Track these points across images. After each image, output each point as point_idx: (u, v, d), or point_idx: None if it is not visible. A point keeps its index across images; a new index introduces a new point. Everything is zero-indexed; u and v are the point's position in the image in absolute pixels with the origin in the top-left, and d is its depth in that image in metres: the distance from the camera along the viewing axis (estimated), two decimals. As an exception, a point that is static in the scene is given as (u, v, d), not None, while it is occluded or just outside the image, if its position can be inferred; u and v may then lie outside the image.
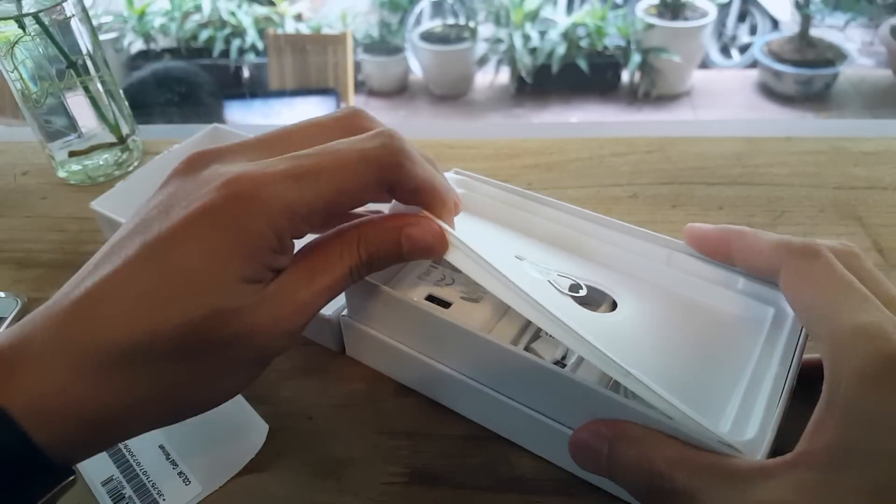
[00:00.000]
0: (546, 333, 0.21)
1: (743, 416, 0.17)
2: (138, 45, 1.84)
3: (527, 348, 0.21)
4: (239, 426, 0.22)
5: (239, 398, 0.23)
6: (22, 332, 0.14)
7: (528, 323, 0.22)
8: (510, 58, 1.81)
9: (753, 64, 1.85)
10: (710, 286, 0.21)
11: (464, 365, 0.21)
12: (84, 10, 0.32)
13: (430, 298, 0.23)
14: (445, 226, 0.17)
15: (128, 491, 0.21)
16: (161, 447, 0.22)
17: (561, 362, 0.20)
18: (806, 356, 0.20)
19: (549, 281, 0.20)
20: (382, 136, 0.16)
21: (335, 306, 0.23)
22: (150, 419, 0.15)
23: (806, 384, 0.19)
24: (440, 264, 0.24)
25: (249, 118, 1.42)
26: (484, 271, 0.17)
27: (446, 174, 0.26)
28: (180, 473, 0.21)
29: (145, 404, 0.14)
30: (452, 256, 0.18)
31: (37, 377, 0.13)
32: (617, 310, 0.21)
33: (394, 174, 0.16)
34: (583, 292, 0.21)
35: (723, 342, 0.20)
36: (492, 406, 0.21)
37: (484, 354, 0.20)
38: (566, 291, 0.20)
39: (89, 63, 0.33)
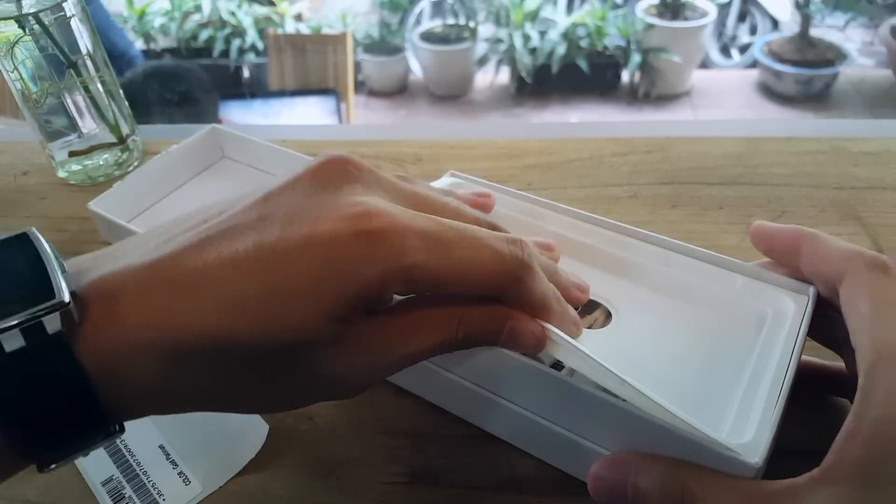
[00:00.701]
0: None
1: (741, 419, 0.17)
2: (138, 45, 1.84)
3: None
4: (239, 426, 0.22)
5: None
6: (115, 286, 0.14)
7: None
8: (510, 58, 1.81)
9: (753, 64, 1.85)
10: (708, 287, 0.21)
11: (461, 369, 0.21)
12: (84, 10, 0.32)
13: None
14: (550, 327, 0.17)
15: (128, 491, 0.21)
16: (161, 447, 0.22)
17: (559, 364, 0.20)
18: (804, 358, 0.20)
19: None
20: (517, 245, 0.16)
21: None
22: (200, 406, 0.15)
23: (803, 385, 0.19)
24: None
25: (249, 118, 1.42)
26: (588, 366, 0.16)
27: (443, 177, 0.26)
28: (180, 473, 0.21)
29: (201, 395, 0.15)
30: (553, 351, 0.17)
31: (117, 344, 0.13)
32: (613, 319, 0.21)
33: (513, 288, 0.16)
34: (581, 306, 0.21)
35: (721, 344, 0.20)
36: (492, 409, 0.21)
37: (482, 359, 0.20)
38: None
39: (89, 63, 0.33)
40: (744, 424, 0.17)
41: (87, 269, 0.14)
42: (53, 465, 0.13)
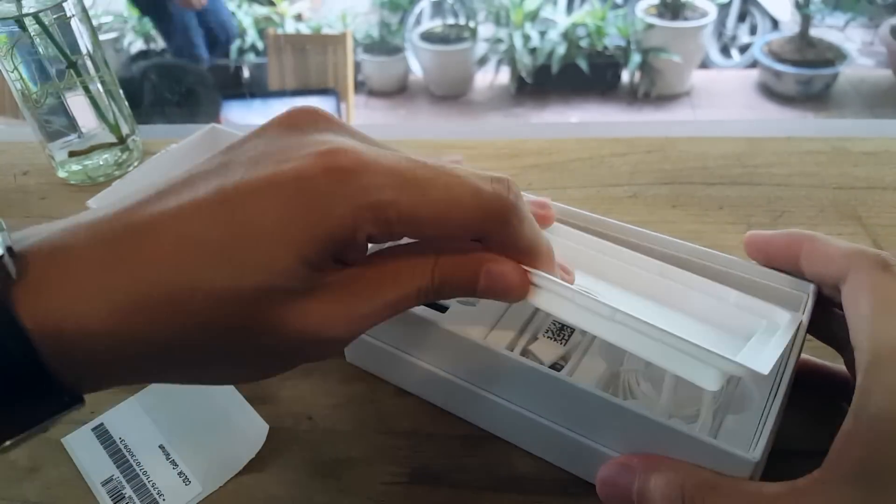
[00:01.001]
0: (543, 334, 0.21)
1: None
2: (138, 45, 1.84)
3: (525, 351, 0.21)
4: (239, 426, 0.22)
5: (239, 398, 0.23)
6: (63, 240, 0.12)
7: (526, 325, 0.22)
8: (510, 58, 1.81)
9: (753, 64, 1.85)
10: (702, 298, 0.20)
11: (462, 370, 0.21)
12: (84, 10, 0.32)
13: (427, 303, 0.23)
14: (535, 270, 0.16)
15: (128, 491, 0.21)
16: (161, 447, 0.22)
17: (559, 364, 0.20)
18: (804, 357, 0.20)
19: None
20: (502, 184, 0.15)
21: None
22: (163, 373, 0.14)
23: (803, 385, 0.19)
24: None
25: (249, 118, 1.42)
26: (577, 309, 0.16)
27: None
28: (180, 473, 0.21)
29: (163, 357, 0.13)
30: (535, 300, 0.16)
31: (63, 297, 0.12)
32: None
33: (496, 229, 0.15)
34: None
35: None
36: (491, 409, 0.21)
37: (481, 360, 0.20)
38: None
39: (89, 63, 0.33)
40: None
41: (36, 233, 0.13)
42: (8, 442, 0.12)
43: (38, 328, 0.12)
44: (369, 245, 0.15)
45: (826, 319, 0.20)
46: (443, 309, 0.22)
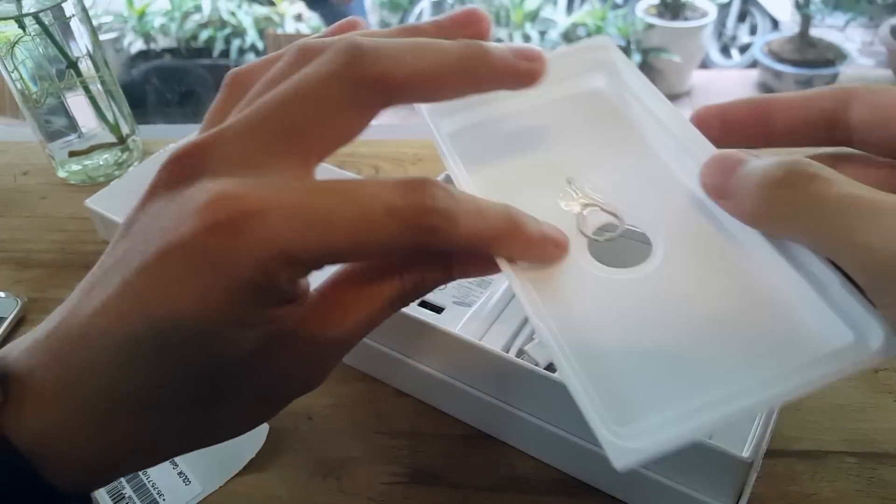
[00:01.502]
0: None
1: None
2: (138, 45, 1.84)
3: (520, 352, 0.21)
4: None
5: None
6: (28, 363, 0.13)
7: (522, 326, 0.22)
8: (510, 58, 1.81)
9: (753, 64, 1.85)
10: (789, 273, 0.14)
11: (458, 371, 0.21)
12: (84, 10, 0.32)
13: (423, 304, 0.23)
14: (506, 266, 0.14)
15: (128, 491, 0.21)
16: None
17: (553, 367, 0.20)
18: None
19: (579, 220, 0.16)
20: (417, 192, 0.13)
21: None
22: (160, 456, 0.14)
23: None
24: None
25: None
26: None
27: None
28: (180, 473, 0.21)
29: (151, 446, 0.14)
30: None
31: (43, 418, 0.13)
32: (651, 257, 0.15)
33: (427, 240, 0.13)
34: (611, 235, 0.16)
35: (758, 339, 0.14)
36: (488, 410, 0.21)
37: (477, 361, 0.19)
38: (590, 235, 0.16)
39: (89, 63, 0.33)
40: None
41: (13, 348, 0.14)
42: None
43: (32, 447, 0.12)
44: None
45: None
46: (439, 310, 0.23)
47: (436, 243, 0.13)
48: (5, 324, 0.27)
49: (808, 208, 0.12)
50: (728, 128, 0.16)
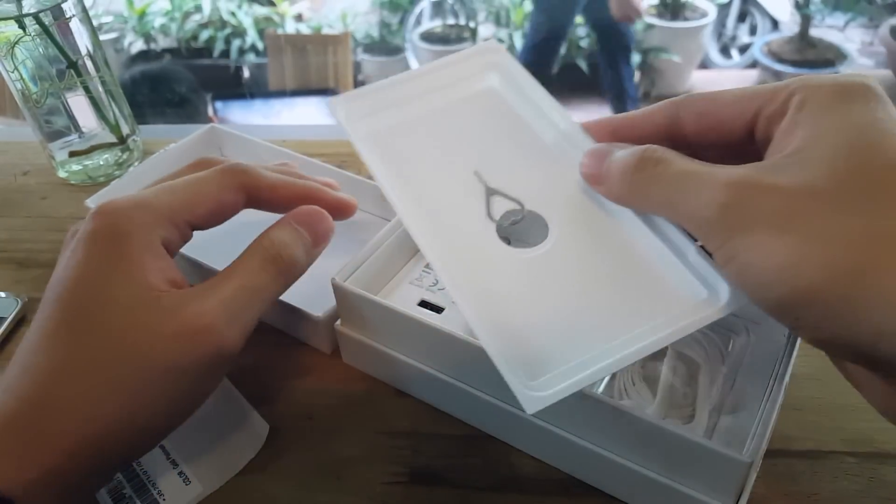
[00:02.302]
0: None
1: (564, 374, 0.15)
2: (139, 46, 1.84)
3: None
4: (239, 426, 0.22)
5: (239, 398, 0.23)
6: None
7: None
8: (510, 58, 1.81)
9: (753, 64, 1.85)
10: (655, 242, 0.17)
11: (458, 371, 0.21)
12: (84, 10, 0.32)
13: (423, 304, 0.23)
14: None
15: (128, 490, 0.21)
16: (161, 446, 0.22)
17: None
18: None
19: (487, 207, 0.18)
20: (230, 166, 0.20)
21: (325, 309, 0.23)
22: (119, 461, 0.17)
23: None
24: (432, 269, 0.24)
25: (249, 118, 1.42)
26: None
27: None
28: (180, 473, 0.21)
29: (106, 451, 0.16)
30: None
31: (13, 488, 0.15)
32: (548, 236, 0.18)
33: (244, 175, 0.20)
34: (514, 219, 0.18)
35: (636, 299, 0.17)
36: (488, 410, 0.21)
37: (477, 360, 0.19)
38: (497, 220, 0.18)
39: (89, 63, 0.33)
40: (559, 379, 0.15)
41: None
42: None
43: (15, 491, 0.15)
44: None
45: None
46: (439, 310, 0.23)
47: (252, 179, 0.20)
48: (6, 324, 0.27)
49: (654, 187, 0.15)
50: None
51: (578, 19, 1.61)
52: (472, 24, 1.87)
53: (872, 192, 0.12)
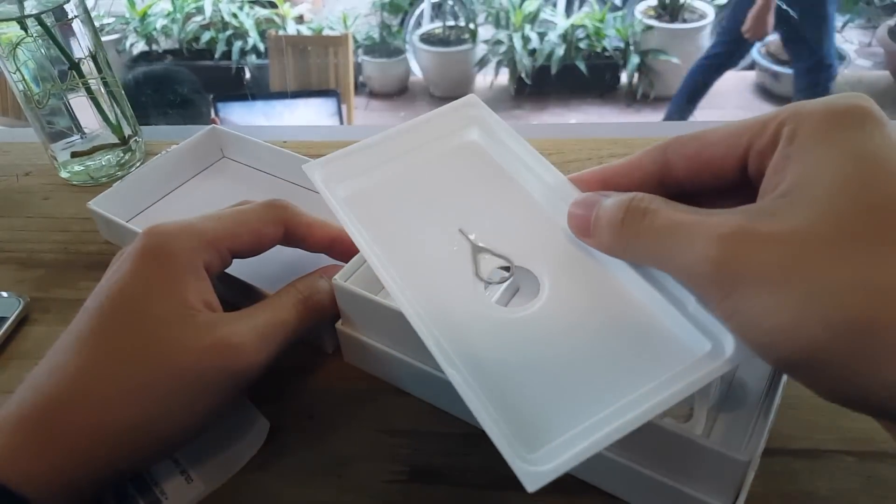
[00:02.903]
0: None
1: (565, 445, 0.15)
2: (140, 47, 1.85)
3: None
4: (240, 424, 0.22)
5: (242, 397, 0.23)
6: (12, 441, 0.16)
7: None
8: (510, 59, 1.81)
9: (751, 65, 1.85)
10: (652, 294, 0.16)
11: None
12: (86, 11, 0.32)
13: None
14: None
15: (130, 490, 0.21)
16: None
17: None
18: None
19: (475, 266, 0.18)
20: (276, 202, 0.22)
21: None
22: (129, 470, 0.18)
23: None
24: None
25: (251, 120, 1.42)
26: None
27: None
28: (182, 472, 0.21)
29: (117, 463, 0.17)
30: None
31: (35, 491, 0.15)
32: (541, 294, 0.17)
33: (285, 211, 0.22)
34: (503, 276, 0.18)
35: (636, 356, 0.16)
36: None
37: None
38: (485, 279, 0.18)
39: (91, 64, 0.33)
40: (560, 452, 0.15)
41: None
42: None
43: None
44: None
45: None
46: None
47: (291, 216, 0.22)
48: (7, 323, 0.27)
49: (643, 241, 0.15)
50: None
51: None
52: (471, 26, 1.87)
53: (872, 236, 0.12)
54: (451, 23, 1.91)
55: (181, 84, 1.37)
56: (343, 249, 0.23)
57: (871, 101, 0.14)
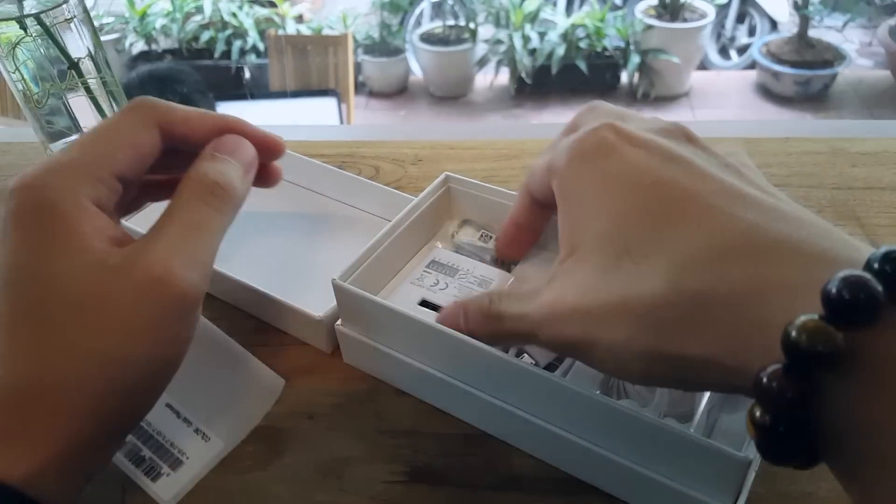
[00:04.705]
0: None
1: None
2: (140, 46, 1.85)
3: (520, 351, 0.21)
4: (250, 382, 0.22)
5: (246, 354, 0.23)
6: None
7: None
8: (510, 59, 1.81)
9: (752, 65, 1.85)
10: None
11: (458, 370, 0.21)
12: (85, 11, 0.32)
13: (424, 303, 0.23)
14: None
15: (146, 452, 0.20)
16: (168, 405, 0.21)
17: (554, 364, 0.20)
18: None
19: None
20: (136, 98, 0.19)
21: (325, 309, 0.23)
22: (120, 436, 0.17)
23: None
24: (432, 269, 0.24)
25: (250, 119, 1.41)
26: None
27: (437, 179, 0.26)
28: (197, 430, 0.21)
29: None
30: None
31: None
32: None
33: (153, 110, 0.19)
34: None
35: None
36: (488, 410, 0.21)
37: (477, 360, 0.20)
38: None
39: (91, 64, 0.33)
40: None
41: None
42: None
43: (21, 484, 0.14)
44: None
45: None
46: (438, 309, 0.23)
47: (164, 112, 0.19)
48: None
49: (499, 339, 0.19)
50: (517, 241, 0.22)
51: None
52: (471, 26, 1.87)
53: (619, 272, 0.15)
54: (450, 22, 1.91)
55: (185, 83, 1.37)
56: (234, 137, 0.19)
57: (604, 122, 0.17)
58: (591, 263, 0.15)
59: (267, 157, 0.20)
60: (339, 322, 0.23)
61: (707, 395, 0.19)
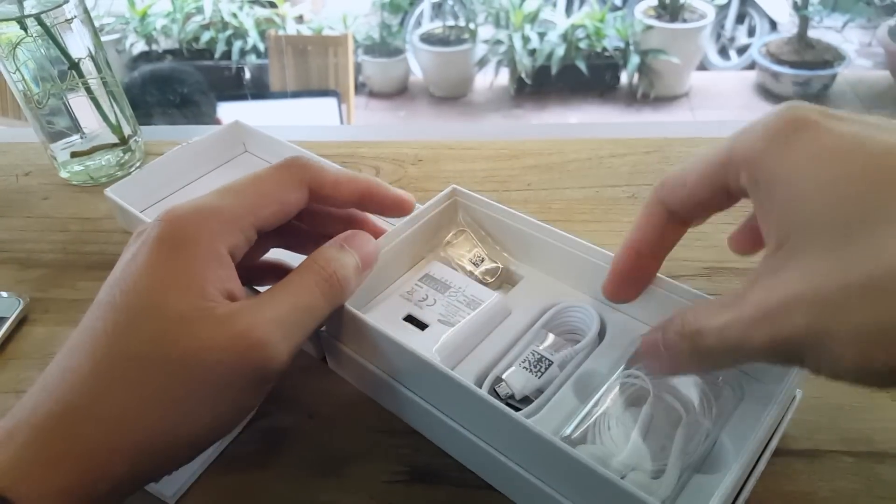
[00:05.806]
0: (520, 364, 0.20)
1: None
2: (140, 47, 1.85)
3: (497, 379, 0.20)
4: None
5: None
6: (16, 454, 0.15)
7: (506, 352, 0.21)
8: (510, 59, 1.81)
9: (752, 65, 1.85)
10: None
11: (429, 395, 0.20)
12: (86, 11, 0.32)
13: (409, 318, 0.22)
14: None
15: None
16: None
17: (529, 398, 0.20)
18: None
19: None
20: (290, 157, 0.20)
21: None
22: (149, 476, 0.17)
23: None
24: (424, 283, 0.24)
25: (250, 120, 1.41)
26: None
27: (444, 191, 0.25)
28: None
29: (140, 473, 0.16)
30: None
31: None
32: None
33: (306, 171, 0.19)
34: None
35: None
36: (457, 440, 0.20)
37: (445, 387, 0.19)
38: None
39: (91, 64, 0.33)
40: None
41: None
42: None
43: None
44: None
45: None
46: (423, 326, 0.22)
47: (314, 175, 0.19)
48: (7, 324, 0.27)
49: (708, 357, 0.16)
50: (634, 276, 0.20)
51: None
52: (471, 26, 1.87)
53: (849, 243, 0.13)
54: (450, 22, 1.91)
55: (186, 83, 1.37)
56: (377, 201, 0.21)
57: (799, 104, 0.15)
58: (814, 245, 0.13)
59: (398, 213, 0.22)
60: (324, 328, 0.23)
61: (683, 452, 0.18)
